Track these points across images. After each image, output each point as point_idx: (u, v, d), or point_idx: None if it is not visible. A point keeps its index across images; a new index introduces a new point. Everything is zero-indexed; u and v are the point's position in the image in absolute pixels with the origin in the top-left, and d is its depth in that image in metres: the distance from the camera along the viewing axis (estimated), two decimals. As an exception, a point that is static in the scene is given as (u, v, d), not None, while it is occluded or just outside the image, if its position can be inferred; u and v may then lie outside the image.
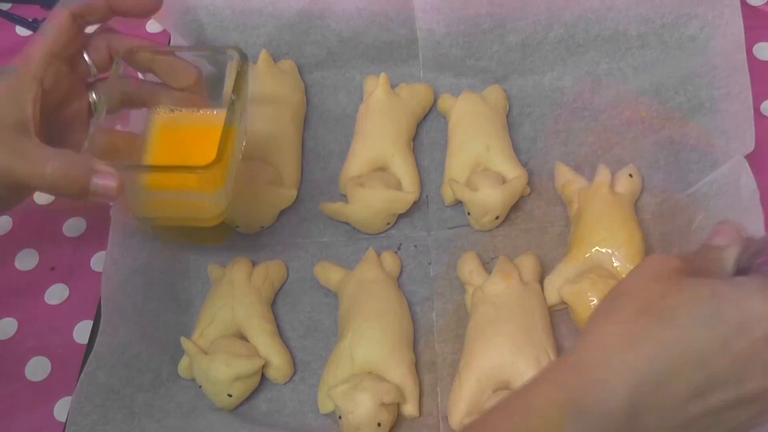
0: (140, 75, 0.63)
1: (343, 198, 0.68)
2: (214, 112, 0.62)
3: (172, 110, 0.62)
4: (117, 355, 0.60)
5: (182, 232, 0.67)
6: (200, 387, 0.61)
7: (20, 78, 0.56)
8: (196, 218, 0.61)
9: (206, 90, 0.63)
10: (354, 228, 0.68)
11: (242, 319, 0.63)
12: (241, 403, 0.61)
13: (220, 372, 0.59)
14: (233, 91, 0.59)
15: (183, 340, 0.61)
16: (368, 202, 0.66)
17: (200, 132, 0.61)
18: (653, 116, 0.70)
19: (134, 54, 0.61)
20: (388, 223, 0.68)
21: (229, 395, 0.60)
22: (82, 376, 0.58)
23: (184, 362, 0.62)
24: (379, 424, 0.57)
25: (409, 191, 0.68)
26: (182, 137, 0.61)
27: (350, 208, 0.66)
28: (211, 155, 0.55)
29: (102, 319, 0.59)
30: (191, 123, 0.62)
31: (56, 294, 0.68)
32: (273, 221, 0.69)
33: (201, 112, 0.62)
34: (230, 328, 0.63)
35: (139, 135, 0.61)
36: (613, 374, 0.39)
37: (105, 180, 0.54)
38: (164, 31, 0.80)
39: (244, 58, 0.60)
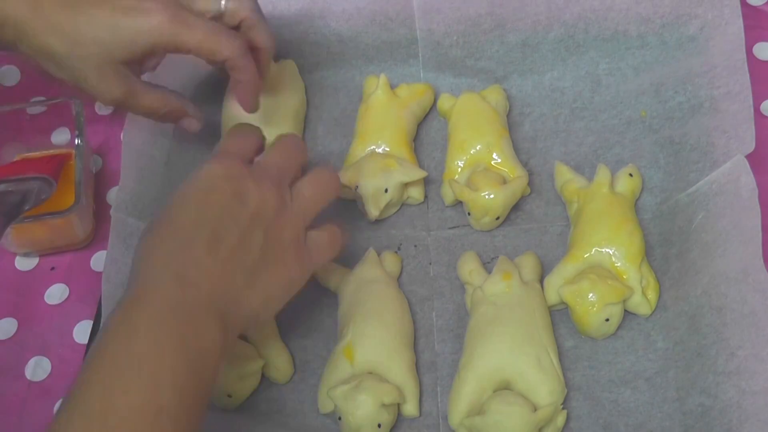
0: None
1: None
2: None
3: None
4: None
5: None
6: None
7: None
8: (71, 243, 0.69)
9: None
10: (354, 228, 0.69)
11: (242, 319, 0.63)
12: (241, 403, 0.61)
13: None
14: (77, 135, 0.68)
15: None
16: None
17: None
18: (653, 116, 0.70)
19: None
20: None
21: (229, 395, 0.60)
22: (81, 375, 0.58)
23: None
24: (379, 425, 0.57)
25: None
26: None
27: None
28: (70, 193, 0.66)
29: (102, 319, 0.59)
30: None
31: (56, 294, 0.68)
32: None
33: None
34: (230, 328, 0.63)
35: None
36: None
37: None
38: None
39: (79, 105, 0.69)
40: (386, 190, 0.66)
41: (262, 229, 0.53)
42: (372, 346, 0.60)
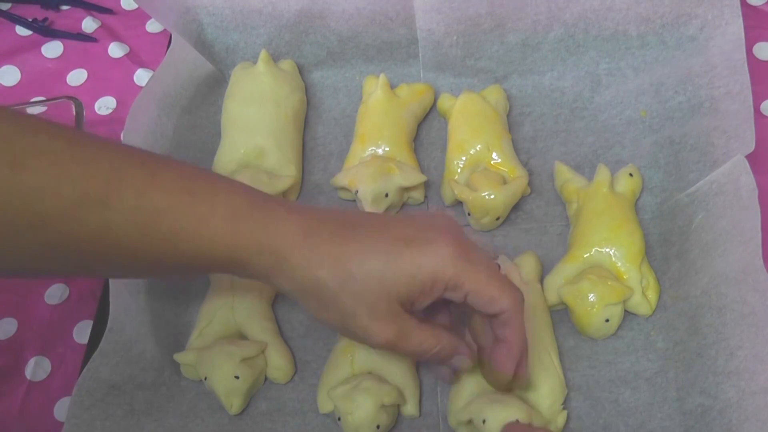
0: None
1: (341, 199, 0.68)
2: None
3: None
4: (121, 353, 0.60)
5: None
6: (204, 379, 0.60)
7: None
8: None
9: None
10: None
11: (243, 318, 0.63)
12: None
13: (225, 355, 0.59)
14: None
15: (177, 356, 0.61)
16: None
17: None
18: (653, 116, 0.70)
19: None
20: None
21: (237, 377, 0.59)
22: (84, 370, 0.58)
23: (184, 358, 0.61)
24: (378, 426, 0.57)
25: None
26: None
27: None
28: None
29: (110, 317, 0.59)
30: None
31: (56, 294, 0.68)
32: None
33: None
34: (230, 327, 0.63)
35: None
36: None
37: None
38: (164, 31, 0.80)
39: (79, 106, 0.69)
40: (386, 195, 0.66)
41: None
42: (372, 346, 0.60)
